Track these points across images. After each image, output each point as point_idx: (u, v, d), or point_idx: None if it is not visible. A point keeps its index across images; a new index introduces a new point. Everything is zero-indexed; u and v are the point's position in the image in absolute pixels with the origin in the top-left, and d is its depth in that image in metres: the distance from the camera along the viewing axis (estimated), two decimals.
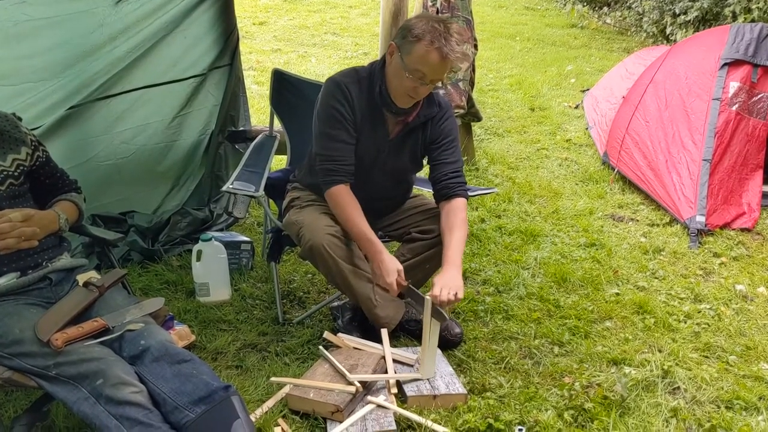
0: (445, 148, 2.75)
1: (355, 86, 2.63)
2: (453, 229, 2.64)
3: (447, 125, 2.76)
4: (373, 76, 2.64)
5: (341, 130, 2.62)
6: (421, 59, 2.47)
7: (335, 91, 2.62)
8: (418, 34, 2.46)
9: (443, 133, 2.75)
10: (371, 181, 2.73)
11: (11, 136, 2.25)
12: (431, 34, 2.45)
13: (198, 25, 3.66)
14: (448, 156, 2.75)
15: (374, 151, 2.71)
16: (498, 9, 12.69)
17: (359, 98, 2.63)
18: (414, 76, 2.50)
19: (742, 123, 4.23)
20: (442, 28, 2.47)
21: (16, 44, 2.98)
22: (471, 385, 2.58)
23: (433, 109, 2.73)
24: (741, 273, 3.61)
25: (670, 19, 9.25)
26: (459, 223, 2.66)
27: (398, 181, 2.87)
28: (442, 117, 2.75)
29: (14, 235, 2.09)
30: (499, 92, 7.27)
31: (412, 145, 2.76)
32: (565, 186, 4.79)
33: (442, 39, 2.44)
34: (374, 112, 2.66)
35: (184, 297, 3.19)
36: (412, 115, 2.69)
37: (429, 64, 2.47)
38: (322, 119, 2.66)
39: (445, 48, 2.44)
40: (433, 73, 2.51)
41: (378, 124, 2.68)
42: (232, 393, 1.98)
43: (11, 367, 1.96)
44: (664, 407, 2.48)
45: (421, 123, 2.72)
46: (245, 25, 9.42)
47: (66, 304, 2.09)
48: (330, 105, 2.62)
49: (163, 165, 3.78)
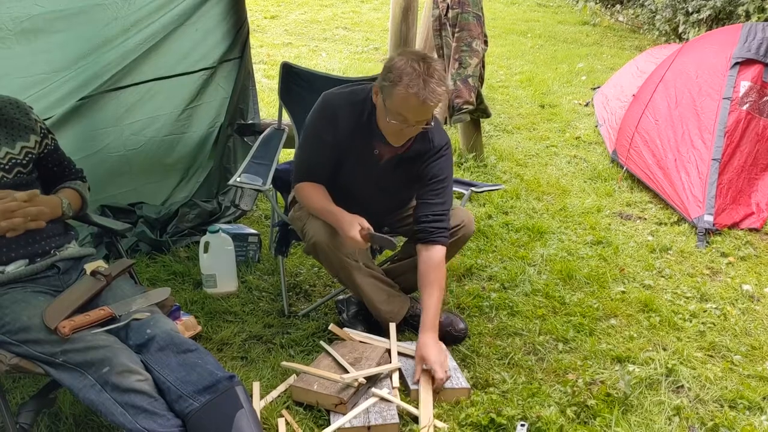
0: (433, 188, 2.65)
1: (347, 108, 2.58)
2: (432, 287, 2.59)
3: (438, 165, 2.65)
4: (366, 103, 2.58)
5: (318, 149, 2.64)
6: (401, 104, 2.38)
7: (323, 112, 2.61)
8: (394, 78, 2.36)
9: (431, 173, 2.65)
10: (368, 196, 2.71)
11: (21, 124, 2.27)
12: (409, 76, 2.33)
13: (209, 18, 3.67)
14: (434, 197, 2.65)
15: (363, 173, 2.68)
16: (510, 5, 12.65)
17: (348, 121, 2.57)
18: (397, 120, 2.42)
19: (753, 122, 4.21)
20: (422, 69, 2.34)
21: (34, 38, 2.99)
22: (474, 380, 2.59)
23: (426, 146, 2.63)
24: (748, 273, 3.59)
25: (683, 18, 9.19)
26: (438, 280, 2.60)
27: (394, 197, 2.84)
28: (433, 156, 2.65)
29: (20, 215, 2.11)
30: (509, 89, 7.26)
31: (402, 174, 2.69)
32: (573, 183, 4.78)
33: (420, 82, 2.32)
34: (364, 135, 2.60)
35: (191, 288, 3.22)
36: (405, 147, 2.61)
37: (409, 108, 2.38)
38: (305, 134, 2.71)
39: (423, 92, 2.32)
40: (415, 116, 2.41)
41: (367, 147, 2.62)
42: (236, 383, 2.00)
43: (19, 353, 1.98)
44: (667, 405, 2.49)
45: (413, 156, 2.64)
46: (257, 19, 9.44)
47: (73, 292, 2.11)
48: (315, 124, 2.64)
49: (172, 157, 3.80)
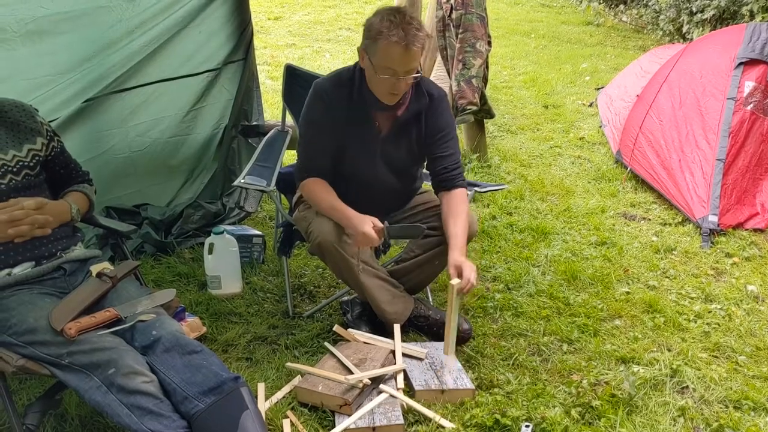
0: (442, 142, 2.74)
1: (337, 90, 2.63)
2: (456, 216, 2.66)
3: (441, 119, 2.74)
4: (354, 79, 2.63)
5: (316, 134, 2.66)
6: (386, 56, 2.44)
7: (316, 98, 2.66)
8: (375, 34, 2.44)
9: (438, 127, 2.73)
10: (375, 180, 2.75)
11: (27, 127, 2.28)
12: (387, 28, 2.41)
13: (213, 20, 3.69)
14: (446, 150, 2.74)
15: (366, 152, 2.71)
16: (514, 6, 12.64)
17: (341, 101, 2.63)
18: (386, 74, 2.47)
19: (757, 123, 4.20)
20: (398, 19, 2.42)
21: (39, 40, 3.00)
22: (479, 381, 2.60)
23: (423, 101, 2.69)
24: (753, 273, 3.59)
25: (687, 18, 9.16)
26: (461, 211, 2.68)
27: (400, 174, 2.85)
28: (435, 110, 2.72)
29: (27, 222, 2.13)
30: (513, 89, 7.25)
31: (406, 139, 2.75)
32: (577, 184, 4.78)
33: (400, 31, 2.40)
34: (360, 112, 2.65)
35: (196, 289, 3.23)
36: (401, 109, 2.67)
37: (394, 58, 2.44)
38: (302, 124, 2.74)
39: (406, 38, 2.40)
40: (403, 66, 2.47)
41: (366, 123, 2.67)
42: (242, 384, 2.01)
43: (25, 355, 1.99)
44: (671, 406, 2.49)
45: (413, 117, 2.70)
46: (260, 20, 9.45)
47: (79, 294, 2.12)
48: (310, 112, 2.68)
49: (176, 158, 3.81)
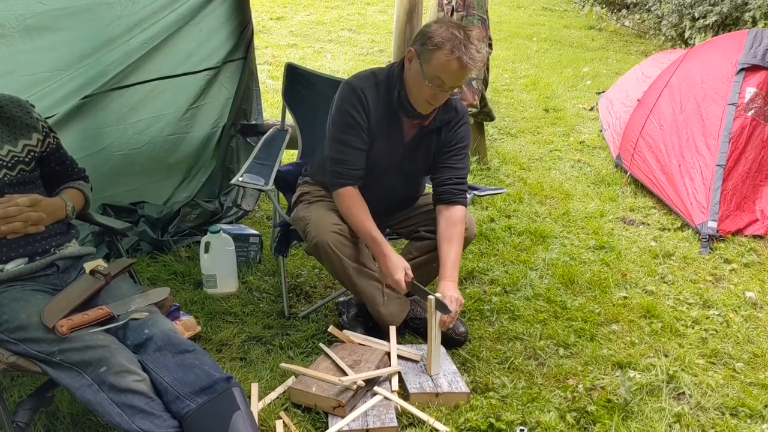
0: (456, 153, 2.76)
1: (372, 91, 2.63)
2: (451, 241, 2.65)
3: (461, 131, 2.77)
4: (391, 80, 2.64)
5: (354, 136, 2.63)
6: (441, 68, 2.47)
7: (351, 96, 2.62)
8: (438, 42, 2.45)
9: (456, 139, 2.75)
10: (385, 182, 2.75)
11: (23, 122, 2.27)
12: (451, 42, 2.44)
13: (213, 18, 3.67)
14: (457, 162, 2.76)
15: (389, 154, 2.71)
16: (516, 9, 12.65)
17: (376, 103, 2.63)
18: (433, 83, 2.50)
19: (758, 129, 4.19)
20: (462, 36, 2.45)
21: (38, 36, 2.99)
22: (474, 384, 2.58)
23: (450, 114, 2.73)
24: (751, 280, 3.57)
25: (689, 23, 9.16)
26: (457, 235, 2.67)
27: (411, 182, 2.89)
28: (457, 123, 2.75)
29: (21, 219, 2.11)
30: (513, 92, 7.24)
31: (425, 148, 2.76)
32: (576, 188, 4.76)
33: (462, 47, 2.43)
34: (390, 116, 2.66)
35: (192, 288, 3.21)
36: (429, 119, 2.69)
37: (449, 72, 2.47)
38: (336, 124, 2.67)
39: (465, 56, 2.44)
40: (453, 81, 2.51)
41: (394, 127, 2.68)
42: (234, 384, 1.99)
43: (16, 352, 1.98)
44: (667, 412, 2.47)
45: (436, 129, 2.72)
46: (262, 20, 9.45)
47: (72, 291, 2.11)
48: (345, 110, 2.63)
49: (174, 157, 3.80)
